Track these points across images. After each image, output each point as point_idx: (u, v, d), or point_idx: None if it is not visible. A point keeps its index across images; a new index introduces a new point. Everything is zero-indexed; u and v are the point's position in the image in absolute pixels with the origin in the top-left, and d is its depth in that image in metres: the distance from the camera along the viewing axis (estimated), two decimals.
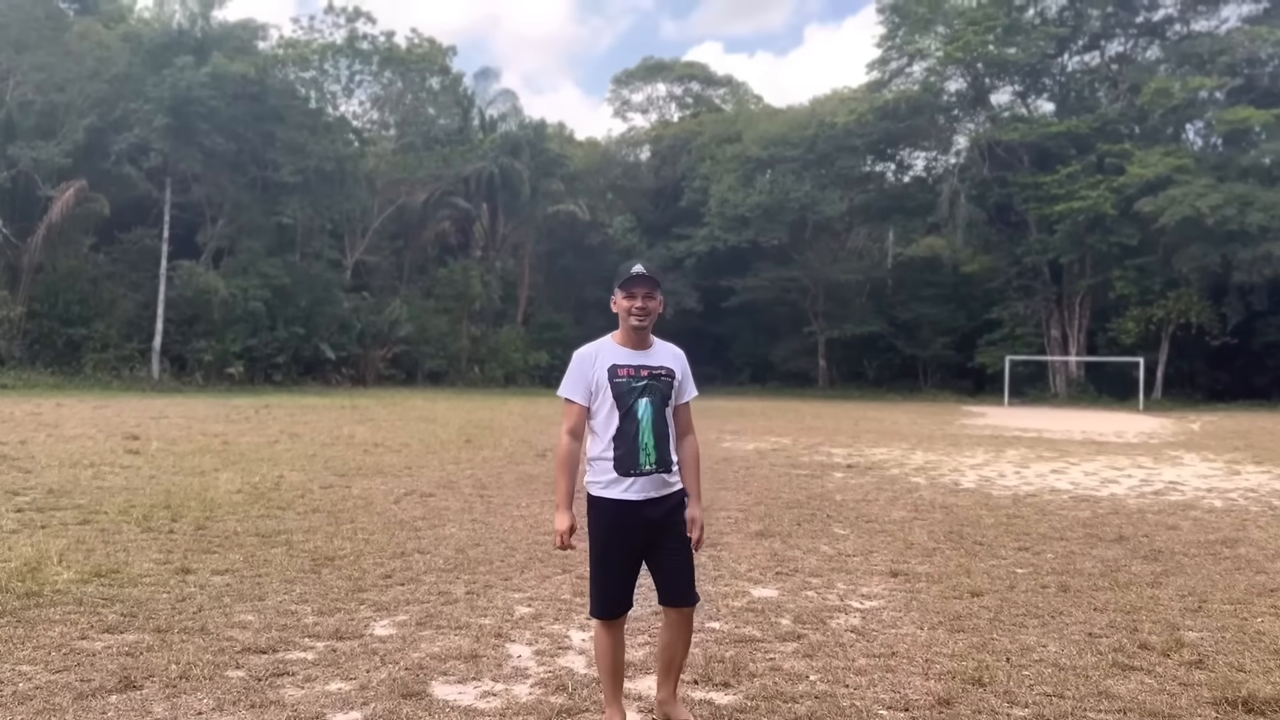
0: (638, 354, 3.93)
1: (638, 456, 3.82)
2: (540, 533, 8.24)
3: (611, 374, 3.86)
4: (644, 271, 3.91)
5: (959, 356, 51.66)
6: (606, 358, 3.90)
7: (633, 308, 3.88)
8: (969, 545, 8.16)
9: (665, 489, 3.88)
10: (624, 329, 3.94)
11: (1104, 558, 7.69)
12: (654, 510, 3.84)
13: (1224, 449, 19.54)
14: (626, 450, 3.81)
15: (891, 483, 12.62)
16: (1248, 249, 40.11)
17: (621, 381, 3.85)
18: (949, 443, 20.04)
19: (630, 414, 3.82)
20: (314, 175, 39.99)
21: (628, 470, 3.81)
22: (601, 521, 3.86)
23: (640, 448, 3.81)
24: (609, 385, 3.85)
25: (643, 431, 3.81)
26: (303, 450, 14.65)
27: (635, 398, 3.83)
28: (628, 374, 3.86)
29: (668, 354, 4.02)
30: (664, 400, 3.90)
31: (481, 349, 50.59)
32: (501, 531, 8.27)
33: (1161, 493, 12.03)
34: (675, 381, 3.94)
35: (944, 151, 54.89)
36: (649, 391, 3.86)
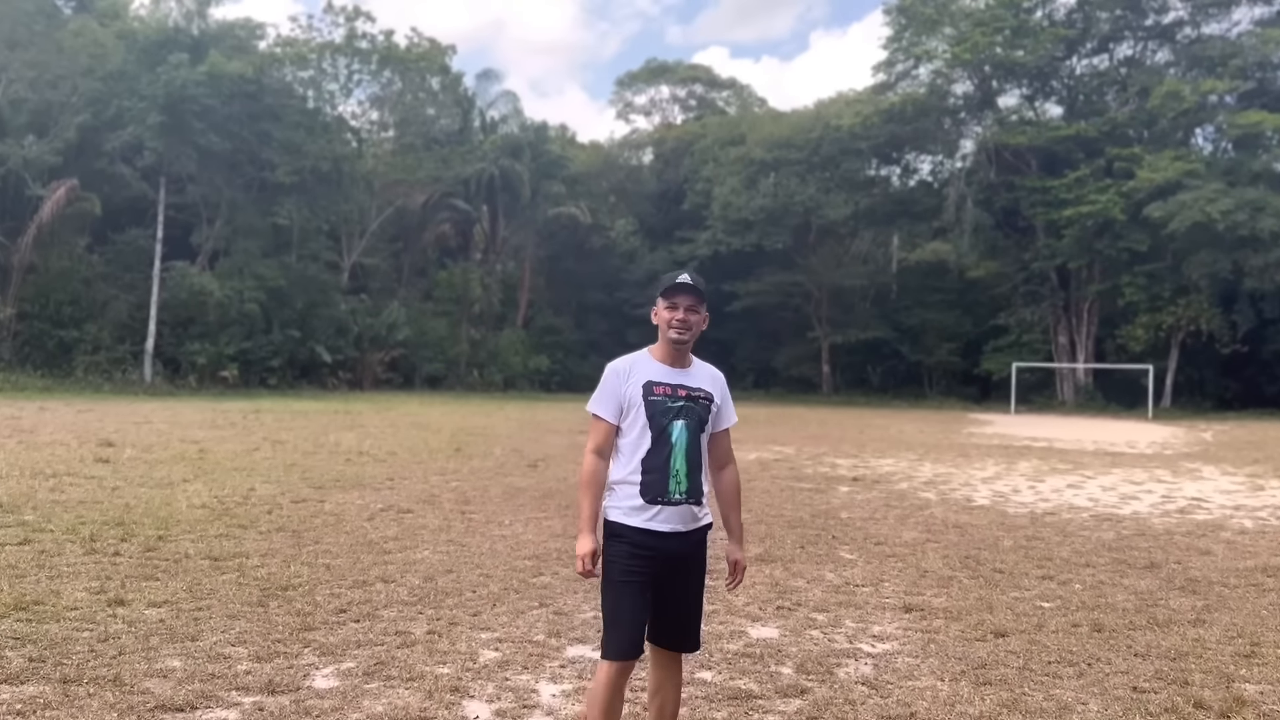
0: (676, 372, 3.60)
1: (667, 484, 3.48)
2: (521, 556, 7.57)
3: (647, 391, 3.54)
4: (689, 280, 3.58)
5: (964, 363, 50.93)
6: (642, 372, 3.58)
7: (674, 319, 3.56)
8: (988, 573, 7.48)
9: (693, 523, 3.55)
10: (663, 343, 3.61)
11: (1137, 589, 7.01)
12: (679, 545, 3.52)
13: (1242, 461, 18.84)
14: (656, 476, 3.48)
15: (900, 498, 11.94)
16: (1259, 255, 39.38)
17: (657, 400, 3.53)
18: (958, 453, 19.35)
19: (663, 436, 3.50)
20: (311, 176, 39.36)
21: (655, 498, 3.47)
22: (622, 551, 3.48)
23: (671, 474, 3.48)
24: (642, 403, 3.52)
25: (675, 456, 3.49)
26: (282, 459, 13.99)
27: (670, 419, 3.51)
28: (664, 393, 3.54)
29: (707, 375, 3.69)
30: (700, 425, 3.58)
31: (481, 353, 49.93)
32: (478, 555, 7.60)
33: (1186, 511, 11.34)
34: (714, 406, 3.63)
35: (950, 155, 54.19)
36: (685, 414, 3.54)
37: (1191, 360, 45.22)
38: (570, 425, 24.62)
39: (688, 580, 3.58)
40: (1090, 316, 47.27)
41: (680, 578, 3.54)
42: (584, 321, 56.66)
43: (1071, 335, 47.91)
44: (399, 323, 43.96)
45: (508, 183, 48.16)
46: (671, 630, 3.57)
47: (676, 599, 3.55)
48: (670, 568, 3.50)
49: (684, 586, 3.58)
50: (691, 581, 3.60)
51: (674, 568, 3.51)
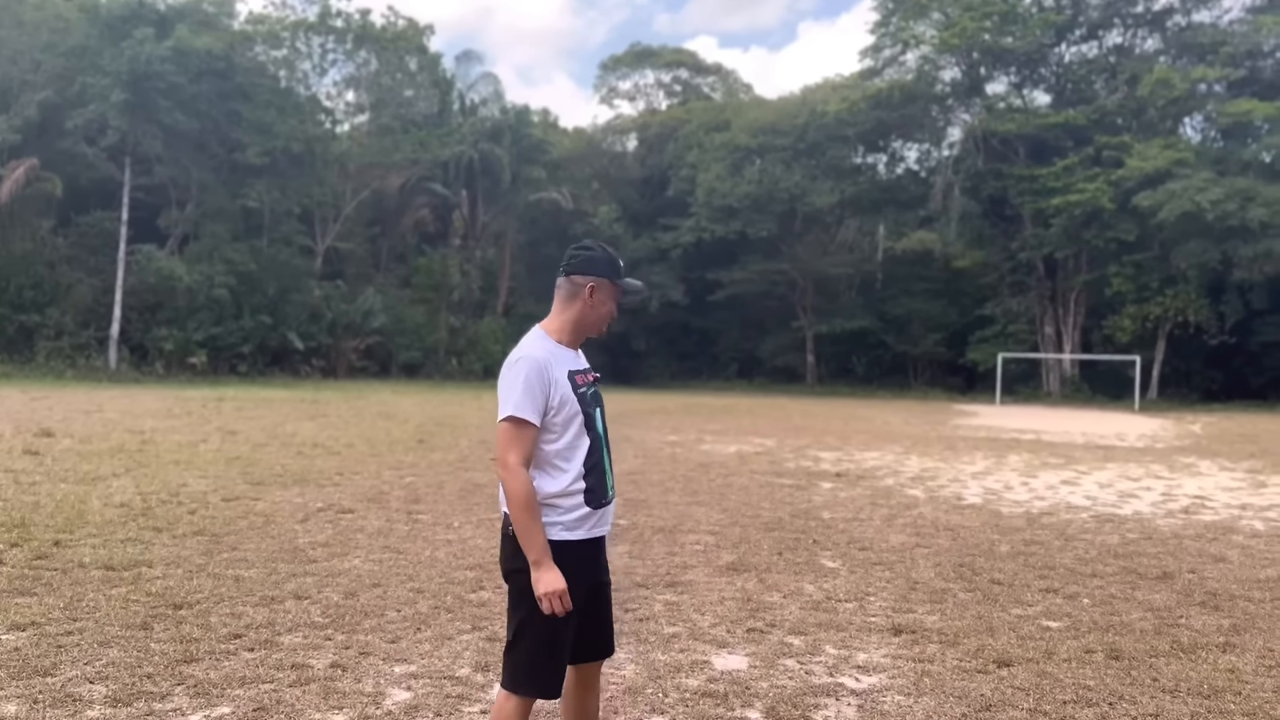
0: (578, 356, 3.21)
1: (605, 481, 3.14)
2: (463, 565, 6.75)
3: (573, 383, 3.09)
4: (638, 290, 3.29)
5: (950, 353, 50.33)
6: (561, 363, 3.09)
7: (611, 316, 3.22)
8: (985, 585, 6.70)
9: (611, 522, 3.26)
10: (575, 327, 3.17)
11: (1153, 604, 6.24)
12: (603, 548, 3.24)
13: (1239, 456, 18.19)
14: (597, 477, 3.10)
15: (886, 496, 11.17)
16: (1248, 245, 38.85)
17: (583, 391, 3.11)
18: (945, 446, 18.62)
19: (595, 431, 3.12)
20: (282, 157, 38.30)
21: (599, 502, 3.11)
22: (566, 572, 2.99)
23: (606, 471, 3.14)
24: (574, 398, 3.06)
25: (606, 451, 3.16)
26: (229, 452, 13.11)
27: (593, 409, 3.13)
28: (584, 381, 3.14)
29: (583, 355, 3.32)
30: (604, 408, 3.27)
31: (460, 340, 48.97)
32: (415, 564, 6.77)
33: (1191, 511, 10.61)
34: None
35: (937, 144, 53.54)
36: (598, 400, 3.21)
37: (1178, 351, 44.76)
38: None
39: (607, 581, 3.28)
40: (1077, 307, 46.71)
41: (604, 582, 3.25)
42: None
43: (1058, 326, 47.36)
44: (374, 309, 42.94)
45: (487, 167, 47.13)
46: (597, 640, 3.22)
47: (600, 606, 3.21)
48: (596, 575, 3.18)
49: (606, 589, 3.27)
50: (607, 580, 3.29)
51: (599, 574, 3.21)
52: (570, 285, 3.14)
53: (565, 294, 3.16)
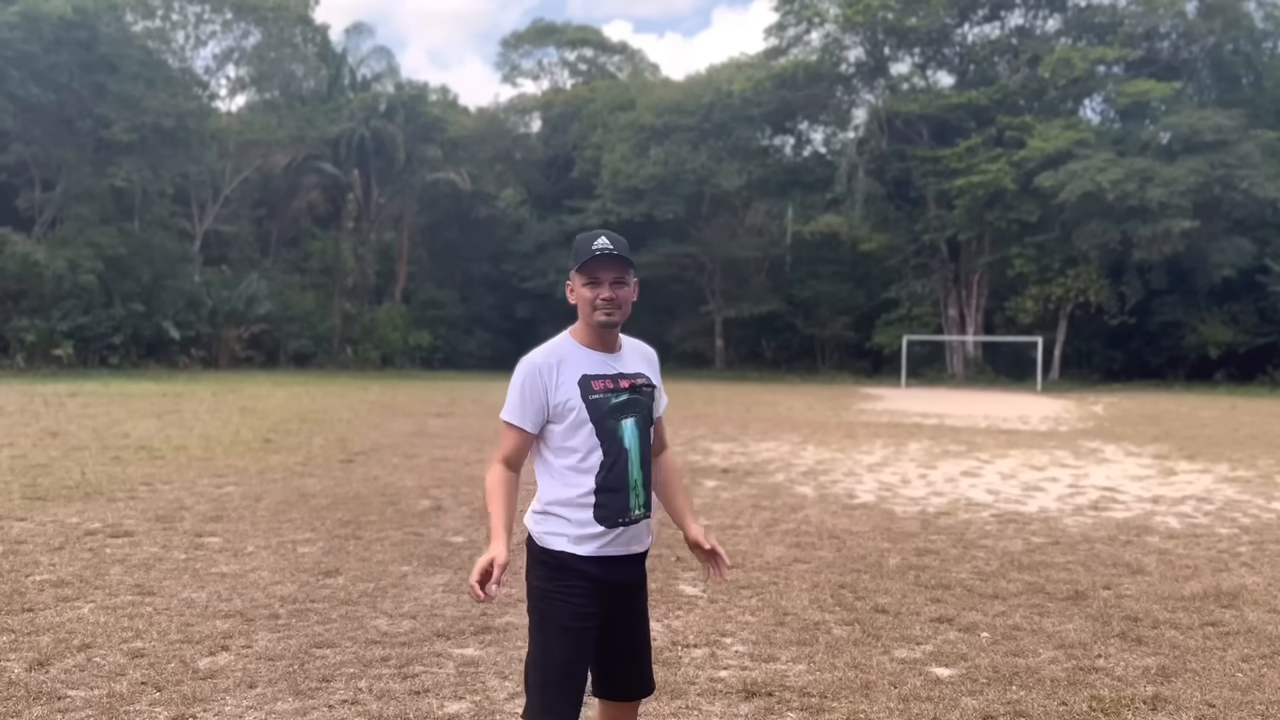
0: (610, 359, 2.89)
1: (628, 499, 2.81)
2: (220, 613, 5.35)
3: (585, 389, 2.80)
4: (610, 248, 2.80)
5: (857, 336, 50.05)
6: (574, 366, 2.83)
7: (598, 299, 2.81)
8: (866, 614, 5.57)
9: (648, 540, 2.94)
10: (587, 326, 2.87)
11: (1064, 638, 5.17)
12: (630, 572, 2.88)
13: (1143, 439, 17.68)
14: (614, 494, 2.78)
15: (773, 494, 10.06)
16: (1147, 226, 39.11)
17: (599, 398, 2.81)
18: (845, 434, 17.72)
19: (615, 442, 2.79)
20: (152, 133, 35.72)
21: (616, 520, 2.79)
22: (570, 589, 2.77)
23: (630, 488, 2.80)
24: (583, 405, 2.79)
25: (632, 466, 2.81)
26: (33, 458, 11.38)
27: (618, 419, 2.81)
28: (604, 387, 2.83)
29: (640, 356, 2.99)
30: (648, 420, 2.89)
31: (355, 328, 46.85)
32: (156, 614, 5.34)
33: (1100, 506, 9.74)
34: (656, 391, 2.95)
35: (843, 126, 53.11)
36: (633, 409, 2.85)
37: (1079, 332, 45.11)
38: (429, 407, 22.28)
39: (639, 610, 2.97)
40: (980, 289, 46.75)
41: (632, 609, 2.93)
42: (469, 295, 53.92)
43: (961, 308, 47.36)
44: (259, 296, 40.59)
45: (380, 145, 45.00)
46: (628, 676, 2.94)
47: (630, 636, 2.93)
48: (619, 601, 2.87)
49: (637, 619, 2.96)
50: (642, 610, 2.98)
51: (623, 599, 2.88)
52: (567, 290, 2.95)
53: None
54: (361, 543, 7.17)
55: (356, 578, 6.15)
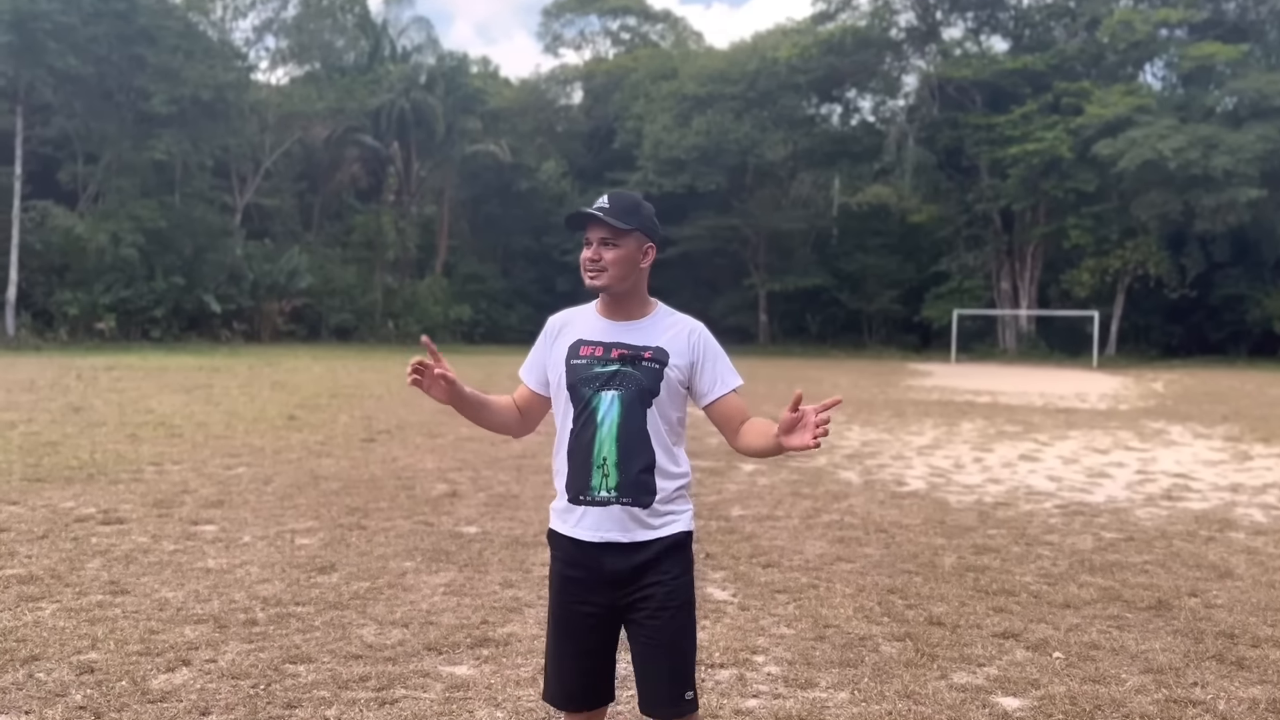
0: (617, 326, 2.68)
1: (589, 475, 2.62)
2: (192, 618, 4.81)
3: (571, 353, 2.67)
4: (588, 208, 2.65)
5: (905, 311, 48.83)
6: (576, 330, 2.72)
7: (584, 259, 2.67)
8: (919, 626, 4.90)
9: (635, 532, 2.61)
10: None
11: (1150, 658, 4.46)
12: (617, 562, 2.60)
13: (1210, 419, 16.69)
14: (577, 466, 2.64)
15: (815, 480, 9.38)
16: (1211, 195, 37.49)
17: (580, 364, 2.64)
18: (893, 412, 16.94)
19: (587, 412, 2.62)
20: (191, 105, 35.48)
21: (577, 495, 2.64)
22: (553, 566, 2.74)
23: (594, 464, 2.61)
24: (564, 369, 2.67)
25: (601, 441, 2.61)
26: (46, 435, 11.03)
27: (596, 389, 2.62)
28: (591, 353, 2.65)
29: (667, 329, 2.69)
30: (642, 396, 2.61)
31: (396, 302, 46.59)
32: (120, 618, 4.82)
33: (1173, 495, 8.93)
34: (669, 370, 2.62)
35: (892, 94, 51.66)
36: (619, 381, 2.61)
37: (1137, 306, 43.61)
38: (464, 382, 21.77)
39: (643, 616, 2.59)
40: (1034, 261, 45.34)
41: (640, 609, 2.58)
42: (510, 269, 53.48)
43: (1014, 281, 46.00)
44: (300, 269, 40.38)
45: (420, 118, 44.50)
46: (644, 686, 2.63)
47: (639, 646, 2.61)
48: (622, 596, 2.59)
49: (642, 626, 2.59)
50: (649, 618, 2.57)
51: (627, 595, 2.59)
52: None
53: None
54: (365, 533, 6.63)
55: (352, 575, 5.60)
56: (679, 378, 2.66)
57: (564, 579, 2.67)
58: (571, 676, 2.67)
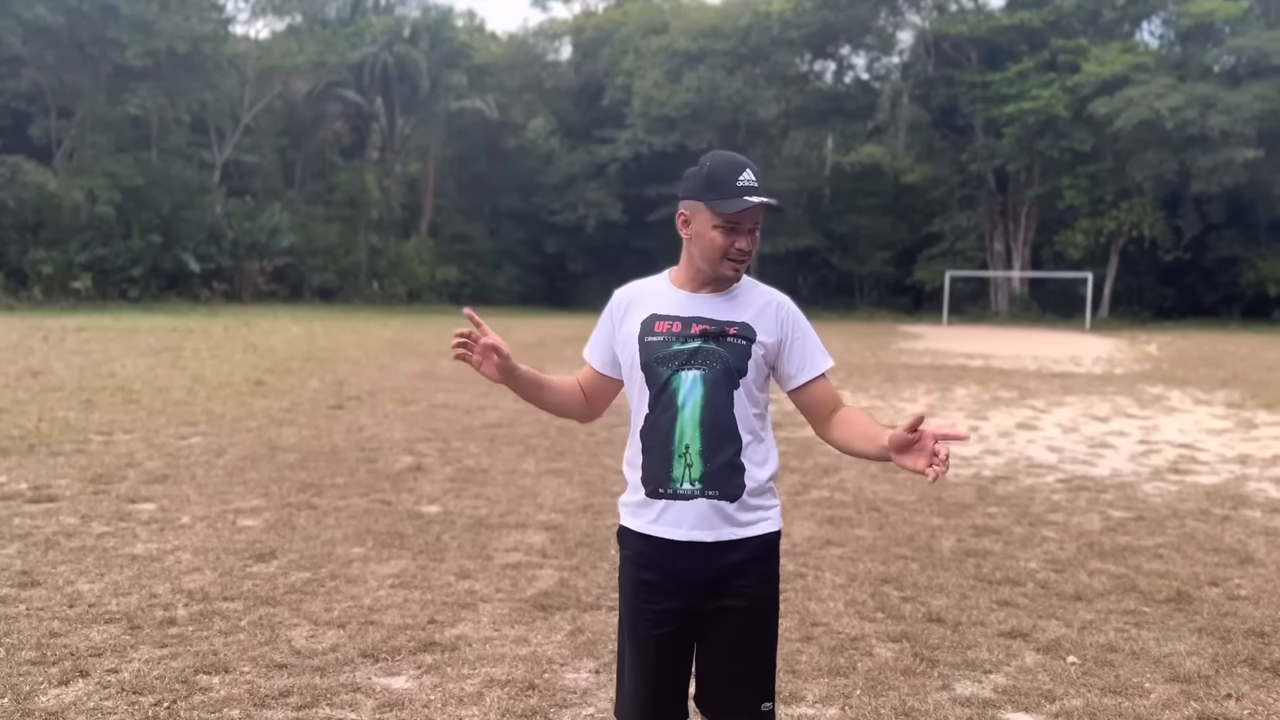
0: (698, 300, 2.38)
1: (670, 466, 2.32)
2: (102, 617, 4.29)
3: (645, 330, 2.37)
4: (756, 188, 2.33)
5: (897, 272, 48.33)
6: (647, 303, 2.41)
7: (732, 247, 2.34)
8: (917, 623, 4.42)
9: (722, 530, 2.32)
10: (684, 266, 2.43)
11: (1175, 664, 3.99)
12: (700, 564, 2.31)
13: (1209, 384, 16.27)
14: (656, 455, 2.33)
15: (803, 453, 8.90)
16: (1207, 155, 36.98)
17: (656, 340, 2.34)
18: (884, 377, 16.47)
19: (666, 395, 2.32)
20: (167, 58, 34.48)
21: (656, 489, 2.34)
22: (628, 574, 2.42)
23: (675, 453, 2.31)
24: (638, 346, 2.36)
25: (682, 426, 2.31)
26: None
27: (674, 369, 2.32)
28: (668, 329, 2.34)
29: (751, 303, 2.42)
30: (729, 376, 2.32)
31: (381, 262, 45.88)
32: (29, 621, 4.30)
33: (1181, 468, 8.47)
34: (756, 347, 2.35)
35: (887, 51, 50.76)
36: (701, 359, 2.32)
37: (1131, 268, 43.20)
38: (445, 345, 21.22)
39: (729, 618, 2.33)
40: (1028, 222, 44.82)
41: (718, 615, 2.33)
42: (498, 229, 52.63)
43: (1008, 242, 45.50)
44: (281, 227, 39.61)
45: (404, 72, 43.47)
46: (719, 688, 2.37)
47: (722, 647, 2.35)
48: (704, 601, 2.33)
49: (727, 629, 2.34)
50: (736, 621, 2.33)
51: (705, 597, 2.33)
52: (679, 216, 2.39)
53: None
54: (315, 514, 6.11)
55: (292, 564, 5.08)
56: (766, 356, 2.41)
57: (638, 582, 2.39)
58: (649, 691, 2.39)
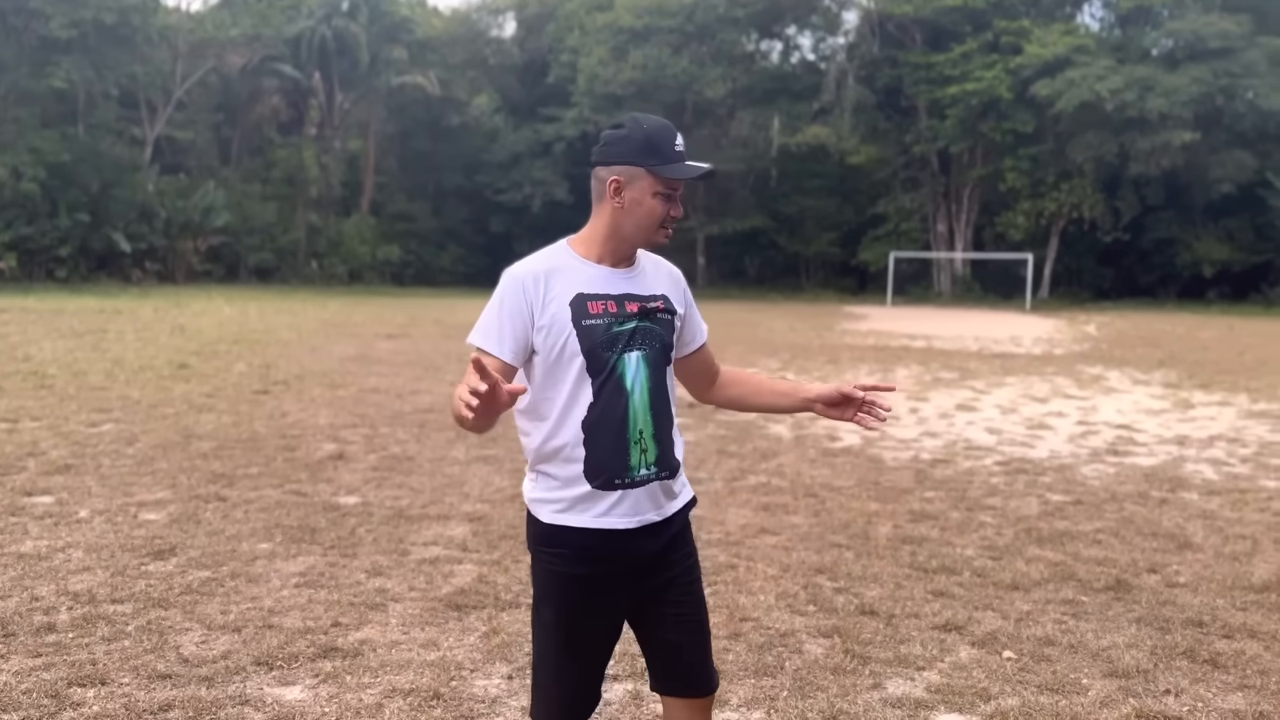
0: (618, 275, 2.27)
1: (626, 455, 2.21)
2: None
3: (579, 312, 2.20)
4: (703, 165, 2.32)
5: (843, 253, 48.48)
6: (566, 282, 2.22)
7: (669, 214, 2.28)
8: (851, 618, 4.24)
9: (665, 506, 2.30)
10: (606, 238, 2.27)
11: (1114, 657, 3.86)
12: (649, 545, 2.28)
13: (1146, 364, 16.44)
14: (608, 445, 2.20)
15: (742, 436, 8.72)
16: (1146, 138, 37.46)
17: (595, 324, 2.20)
18: (828, 358, 16.40)
19: (611, 382, 2.19)
20: (93, 30, 33.21)
21: (613, 480, 2.21)
22: (562, 570, 2.24)
23: (630, 440, 2.21)
24: (573, 331, 2.18)
25: (634, 412, 2.21)
26: None
27: (618, 353, 2.21)
28: (604, 310, 2.21)
29: (663, 274, 2.39)
30: (664, 353, 2.28)
31: (320, 241, 44.84)
32: None
33: (1119, 450, 8.44)
34: (675, 319, 2.32)
35: (833, 31, 50.68)
36: (639, 339, 2.23)
37: (1070, 249, 43.75)
38: (383, 327, 20.81)
39: (673, 592, 2.31)
40: (970, 203, 45.17)
41: (662, 590, 2.30)
42: (441, 208, 51.80)
43: (950, 223, 45.83)
44: (216, 206, 38.48)
45: (343, 46, 42.40)
46: (677, 665, 2.33)
47: (670, 623, 2.31)
48: (642, 581, 2.28)
49: (673, 603, 2.31)
50: (680, 592, 2.32)
51: (648, 579, 2.28)
52: (595, 183, 2.27)
53: (594, 194, 2.28)
54: (223, 506, 5.77)
55: (193, 561, 4.76)
56: (678, 328, 2.36)
57: (578, 582, 2.25)
58: (584, 689, 2.33)
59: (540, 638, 2.33)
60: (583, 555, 2.24)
